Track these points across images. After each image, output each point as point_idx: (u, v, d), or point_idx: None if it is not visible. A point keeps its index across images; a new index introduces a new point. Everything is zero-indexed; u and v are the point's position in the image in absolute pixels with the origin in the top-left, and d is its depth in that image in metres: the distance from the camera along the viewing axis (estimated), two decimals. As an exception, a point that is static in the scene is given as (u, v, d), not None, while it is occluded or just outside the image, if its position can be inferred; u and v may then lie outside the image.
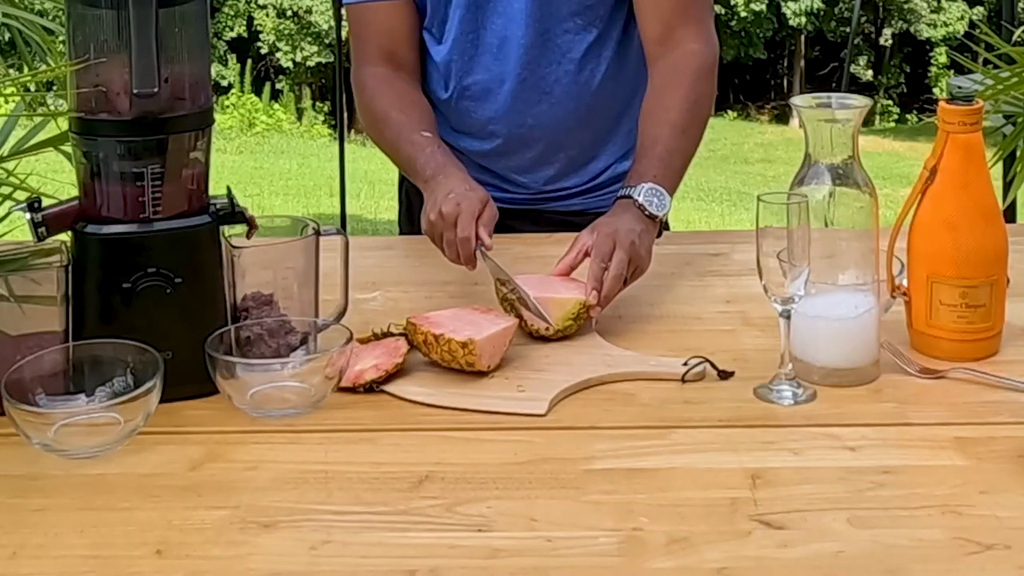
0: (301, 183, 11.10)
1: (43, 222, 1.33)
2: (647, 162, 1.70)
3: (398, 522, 1.13)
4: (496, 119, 1.92)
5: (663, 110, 1.75)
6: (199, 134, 1.37)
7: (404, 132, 1.82)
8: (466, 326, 1.42)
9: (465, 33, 1.88)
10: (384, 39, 1.91)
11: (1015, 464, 1.21)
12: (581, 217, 1.83)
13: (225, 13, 19.00)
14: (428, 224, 1.64)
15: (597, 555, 1.08)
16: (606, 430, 1.31)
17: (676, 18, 1.80)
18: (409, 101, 1.89)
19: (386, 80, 1.90)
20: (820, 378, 1.39)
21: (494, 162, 1.96)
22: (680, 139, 1.74)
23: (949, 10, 19.11)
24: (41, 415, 1.26)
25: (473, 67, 1.89)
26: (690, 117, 1.76)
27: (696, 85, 1.78)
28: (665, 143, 1.72)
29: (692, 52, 1.79)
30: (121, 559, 1.08)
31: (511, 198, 1.97)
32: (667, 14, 1.81)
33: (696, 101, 1.77)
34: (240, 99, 17.81)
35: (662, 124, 1.74)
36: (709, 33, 1.83)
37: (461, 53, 1.89)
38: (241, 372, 1.34)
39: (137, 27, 1.29)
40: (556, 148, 1.94)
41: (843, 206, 1.40)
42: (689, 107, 1.76)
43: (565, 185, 1.99)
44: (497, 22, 1.86)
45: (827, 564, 1.06)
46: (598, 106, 1.92)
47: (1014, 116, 2.06)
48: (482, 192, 1.65)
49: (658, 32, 1.81)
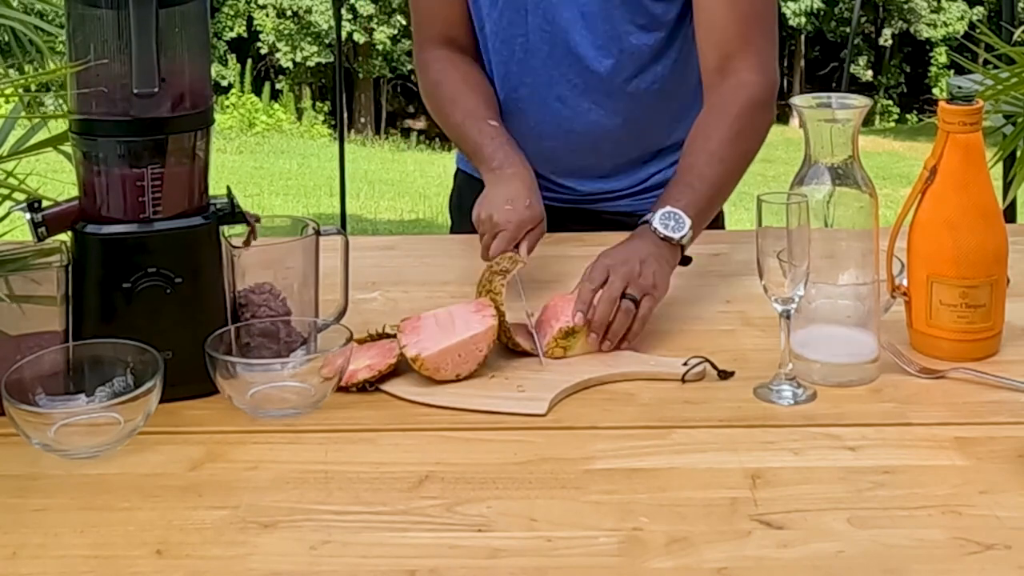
0: (301, 183, 11.11)
1: (43, 222, 1.33)
2: (675, 189, 1.64)
3: (398, 522, 1.13)
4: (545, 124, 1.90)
5: (703, 139, 1.69)
6: (199, 134, 1.37)
7: (471, 118, 1.82)
8: (439, 334, 1.41)
9: (514, 37, 1.86)
10: (442, 25, 1.91)
11: (1015, 464, 1.21)
12: (630, 218, 1.75)
13: (225, 13, 19.01)
14: (478, 218, 1.67)
15: (597, 555, 1.08)
16: (606, 430, 1.31)
17: (735, 47, 1.74)
18: (474, 85, 1.88)
19: (451, 62, 1.90)
20: (820, 378, 1.39)
21: (540, 166, 1.91)
22: (715, 168, 1.66)
23: (949, 10, 19.13)
24: (41, 415, 1.26)
25: (524, 72, 1.88)
26: (730, 149, 1.69)
27: (742, 116, 1.71)
28: (698, 171, 1.65)
29: (745, 83, 1.73)
30: (121, 559, 1.08)
31: (558, 198, 1.95)
32: (726, 42, 1.74)
33: (739, 132, 1.70)
34: (240, 99, 17.83)
35: (699, 152, 1.68)
36: (767, 65, 1.76)
37: (510, 56, 1.87)
38: (241, 372, 1.34)
39: (137, 27, 1.29)
40: (605, 156, 1.92)
41: (843, 206, 1.40)
42: (731, 138, 1.69)
43: (614, 188, 1.96)
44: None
45: (827, 564, 1.06)
46: (650, 116, 1.89)
47: (1014, 116, 2.06)
48: (538, 210, 1.67)
49: (715, 60, 1.75)
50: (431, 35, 1.92)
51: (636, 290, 1.49)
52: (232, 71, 18.71)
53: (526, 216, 1.64)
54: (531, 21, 1.84)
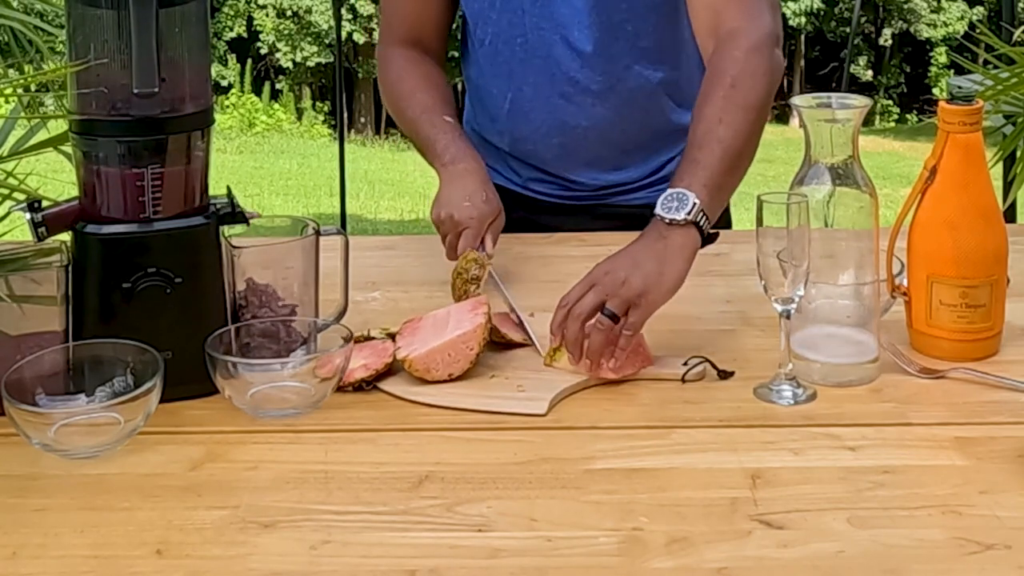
0: (301, 183, 11.11)
1: (43, 222, 1.33)
2: (679, 169, 1.53)
3: (398, 522, 1.13)
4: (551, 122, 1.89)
5: (700, 106, 1.58)
6: (199, 134, 1.37)
7: (426, 113, 1.82)
8: (431, 334, 1.42)
9: (514, 38, 1.86)
10: (411, 26, 1.92)
11: (1015, 464, 1.21)
12: (645, 210, 1.55)
13: (225, 13, 19.01)
14: (437, 218, 1.67)
15: (597, 555, 1.08)
16: (606, 430, 1.31)
17: (722, 3, 1.65)
18: (433, 83, 1.89)
19: (412, 60, 1.90)
20: (820, 378, 1.39)
21: (552, 164, 1.93)
22: (717, 131, 1.53)
23: (949, 10, 19.13)
24: (41, 415, 1.26)
25: (527, 71, 1.87)
26: (729, 104, 1.55)
27: (735, 64, 1.58)
28: (699, 141, 1.53)
29: (733, 31, 1.62)
30: (121, 559, 1.08)
31: (573, 196, 1.94)
32: (714, 2, 1.67)
33: (734, 85, 1.57)
34: (240, 99, 17.83)
35: (699, 121, 1.56)
36: (756, 9, 1.64)
37: (511, 57, 1.87)
38: (241, 372, 1.34)
39: (137, 27, 1.29)
40: (614, 147, 1.91)
41: (843, 206, 1.40)
42: (726, 93, 1.56)
43: (628, 179, 1.94)
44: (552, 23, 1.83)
45: (827, 564, 1.06)
46: (655, 102, 1.88)
47: (1014, 116, 2.06)
48: (495, 203, 1.66)
49: (706, 23, 1.68)
50: (398, 34, 1.93)
51: (617, 303, 1.39)
52: (232, 71, 18.70)
53: (485, 211, 1.65)
54: (528, 21, 1.84)
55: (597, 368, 1.39)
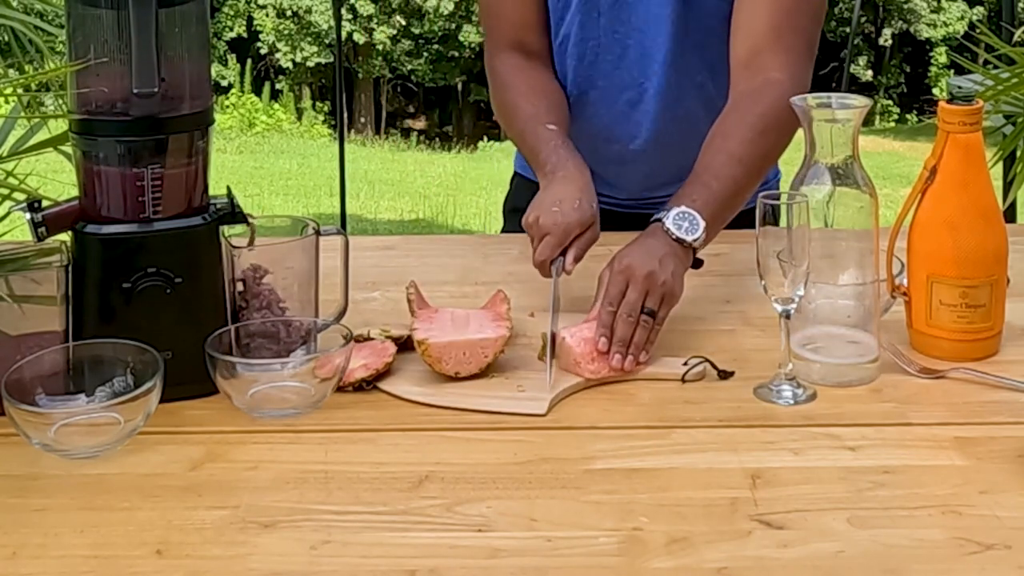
0: (301, 183, 11.11)
1: (43, 222, 1.33)
2: (690, 187, 1.57)
3: (398, 522, 1.13)
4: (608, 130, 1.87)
5: (722, 137, 1.63)
6: (199, 134, 1.37)
7: (531, 123, 1.77)
8: (451, 328, 1.42)
9: (587, 39, 1.84)
10: (513, 29, 1.88)
11: (1015, 464, 1.21)
12: None
13: (225, 13, 19.01)
14: (526, 222, 1.61)
15: (597, 555, 1.08)
16: (606, 430, 1.31)
17: (765, 42, 1.68)
18: (539, 90, 1.84)
19: (518, 68, 1.86)
20: (820, 378, 1.39)
21: (604, 168, 1.88)
22: (733, 169, 1.59)
23: (949, 10, 19.13)
24: (41, 415, 1.26)
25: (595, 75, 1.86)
26: (751, 148, 1.61)
27: (766, 116, 1.63)
28: (715, 171, 1.58)
29: (772, 81, 1.65)
30: (121, 559, 1.08)
31: (623, 203, 1.93)
32: (757, 35, 1.69)
33: (762, 132, 1.62)
34: (240, 99, 17.84)
35: (718, 151, 1.61)
36: (798, 66, 1.69)
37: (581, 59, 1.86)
38: (241, 372, 1.34)
39: (137, 27, 1.29)
40: (674, 161, 1.86)
41: (843, 206, 1.40)
42: (752, 138, 1.61)
43: (665, 194, 1.93)
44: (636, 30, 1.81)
45: (827, 564, 1.06)
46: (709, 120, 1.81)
47: (1014, 116, 2.06)
48: (588, 212, 1.57)
49: (745, 54, 1.70)
50: (501, 39, 1.89)
51: (655, 300, 1.45)
52: (232, 71, 18.71)
53: (573, 219, 1.55)
54: (603, 23, 1.82)
55: (627, 364, 1.42)
